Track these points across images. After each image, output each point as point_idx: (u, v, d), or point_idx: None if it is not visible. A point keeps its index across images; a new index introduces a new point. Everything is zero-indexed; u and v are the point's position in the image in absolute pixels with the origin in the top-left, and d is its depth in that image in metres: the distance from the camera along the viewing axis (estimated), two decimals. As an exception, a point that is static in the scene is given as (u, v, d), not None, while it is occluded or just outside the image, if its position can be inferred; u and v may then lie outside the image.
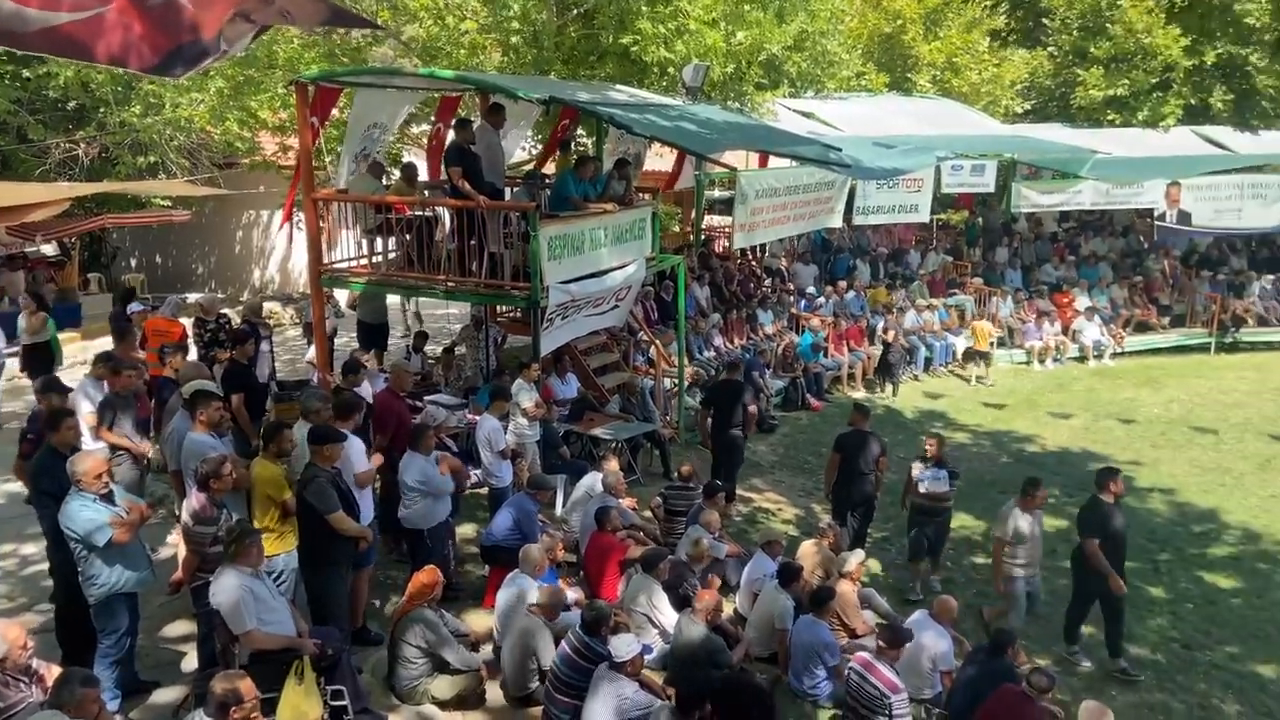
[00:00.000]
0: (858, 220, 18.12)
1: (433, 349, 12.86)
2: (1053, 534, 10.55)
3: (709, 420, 10.50)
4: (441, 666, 6.33)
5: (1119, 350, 18.71)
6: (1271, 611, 8.85)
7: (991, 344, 17.45)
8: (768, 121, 15.55)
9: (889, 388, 15.92)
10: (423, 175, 11.62)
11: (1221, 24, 20.84)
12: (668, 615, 7.11)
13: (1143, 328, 19.57)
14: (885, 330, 16.32)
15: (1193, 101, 21.80)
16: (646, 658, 6.75)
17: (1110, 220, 22.83)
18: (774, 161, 17.11)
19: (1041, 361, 18.09)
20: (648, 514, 9.38)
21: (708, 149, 11.30)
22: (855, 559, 7.80)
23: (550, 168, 12.75)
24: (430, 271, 9.72)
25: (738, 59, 14.05)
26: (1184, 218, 19.78)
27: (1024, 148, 19.32)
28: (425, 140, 13.35)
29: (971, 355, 17.32)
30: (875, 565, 9.24)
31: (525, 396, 9.14)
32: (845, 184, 16.90)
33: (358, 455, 6.64)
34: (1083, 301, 19.09)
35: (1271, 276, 20.77)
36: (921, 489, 8.92)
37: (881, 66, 22.50)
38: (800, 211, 16.55)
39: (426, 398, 9.81)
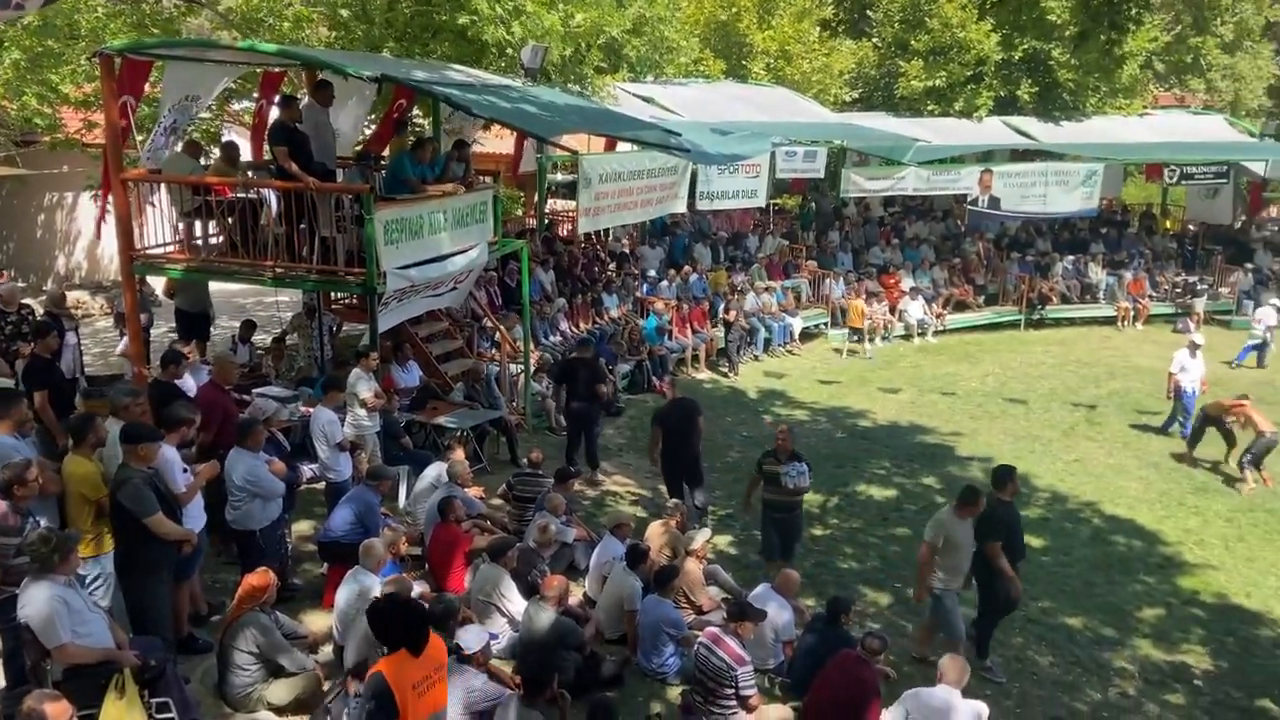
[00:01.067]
0: (701, 205, 18.42)
1: (262, 339, 12.23)
2: (882, 502, 11.16)
3: (563, 396, 11.02)
4: (277, 671, 6.05)
5: (941, 328, 19.86)
6: (1077, 567, 9.61)
7: (868, 322, 18.57)
8: (609, 105, 15.56)
9: (730, 368, 16.30)
10: (246, 155, 10.98)
11: (1028, 20, 22.33)
12: (516, 603, 7.04)
13: (961, 306, 20.84)
14: (727, 311, 16.72)
15: (1002, 93, 23.28)
16: (495, 647, 6.67)
17: (931, 205, 24.14)
18: (620, 145, 17.17)
19: (871, 340, 18.96)
20: (496, 501, 9.25)
21: (549, 132, 11.19)
22: (701, 537, 7.95)
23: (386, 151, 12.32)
24: (256, 257, 9.20)
25: (577, 41, 13.98)
26: (995, 203, 21.13)
27: (852, 135, 20.17)
28: (247, 118, 12.62)
29: (855, 333, 18.49)
30: (721, 541, 9.44)
31: (364, 387, 8.82)
32: (688, 169, 17.12)
33: (171, 469, 6.06)
34: (907, 282, 20.15)
35: (1072, 257, 22.51)
36: (788, 485, 8.44)
37: (718, 53, 22.94)
38: (646, 196, 16.65)
39: (255, 390, 9.32)
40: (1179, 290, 22.35)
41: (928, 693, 5.84)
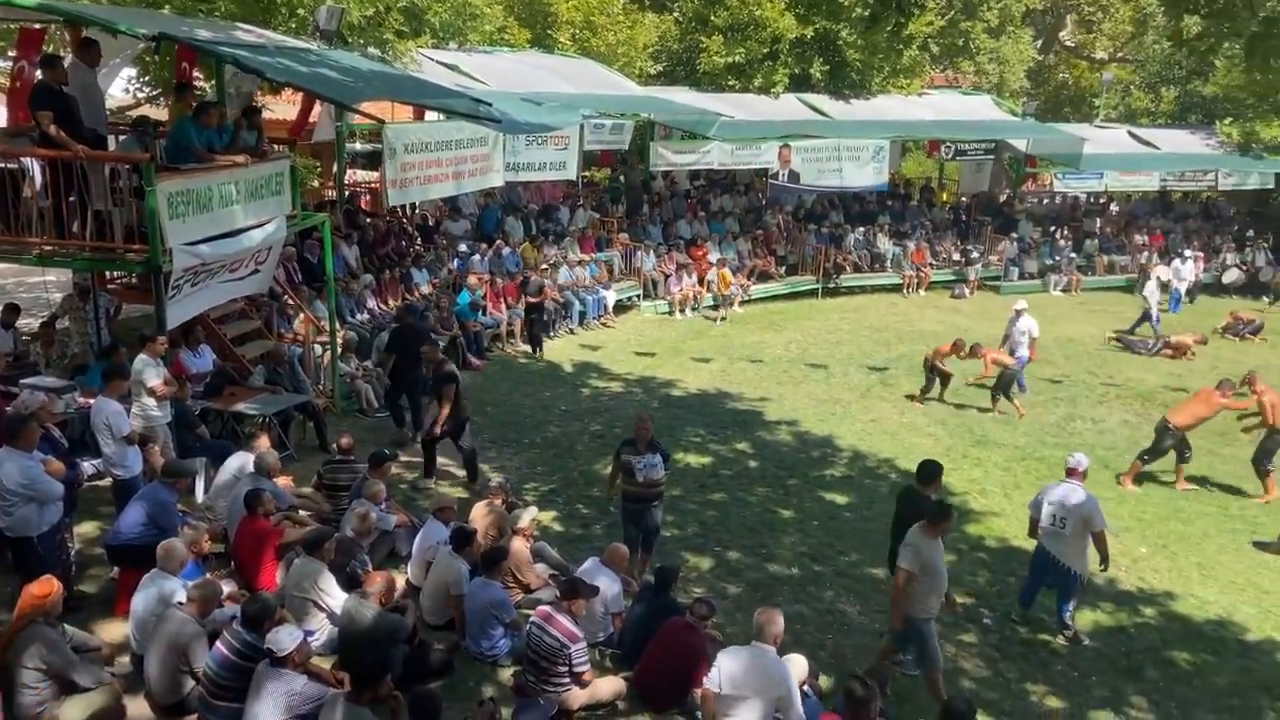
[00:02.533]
0: (509, 177, 18.10)
1: (28, 323, 11.01)
2: (699, 470, 11.44)
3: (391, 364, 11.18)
4: (70, 688, 5.50)
5: (746, 298, 20.58)
6: (879, 521, 10.17)
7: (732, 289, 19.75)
8: (412, 72, 14.97)
9: (542, 342, 16.13)
10: (1, 121, 9.79)
11: (819, 1, 23.30)
12: (336, 597, 6.72)
13: (764, 277, 21.68)
14: (540, 293, 16.41)
15: (797, 71, 24.21)
16: (315, 644, 6.36)
17: (734, 179, 24.87)
18: (429, 115, 16.58)
19: (682, 311, 19.41)
20: (307, 491, 8.78)
21: (352, 98, 10.61)
22: (528, 515, 7.87)
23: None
24: (18, 234, 8.24)
25: (376, 4, 13.32)
26: (795, 177, 22.09)
27: (658, 109, 20.41)
28: (4, 80, 11.26)
29: (719, 301, 19.59)
30: (546, 517, 9.39)
31: (151, 374, 8.11)
32: (500, 141, 16.75)
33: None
34: (714, 254, 20.71)
35: (862, 229, 23.87)
36: (639, 478, 8.14)
37: (523, 22, 22.54)
38: (457, 169, 16.14)
39: (22, 382, 8.38)
40: (956, 259, 24.19)
41: (739, 650, 5.92)
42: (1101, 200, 29.73)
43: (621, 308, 18.93)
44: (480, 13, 17.48)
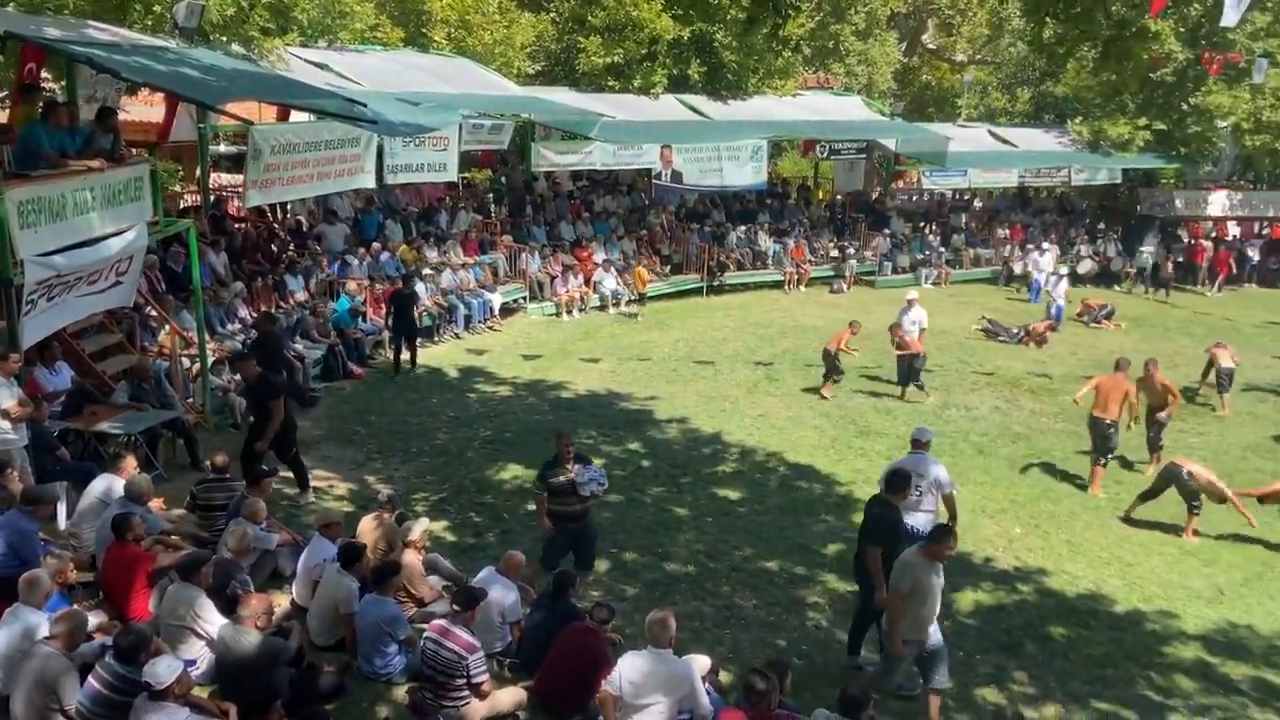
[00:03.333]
0: (389, 180, 17.64)
1: None
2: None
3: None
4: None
5: (633, 297, 20.64)
6: (771, 515, 10.40)
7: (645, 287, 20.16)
8: (280, 71, 14.41)
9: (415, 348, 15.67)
10: None
11: (695, 2, 23.54)
12: (215, 623, 6.37)
13: (650, 276, 21.78)
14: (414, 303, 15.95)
15: (675, 72, 24.44)
16: (195, 674, 6.03)
17: (617, 179, 24.93)
18: (294, 115, 15.96)
19: (569, 312, 19.33)
20: (179, 512, 8.32)
21: (216, 99, 10.15)
22: (419, 527, 7.66)
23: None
24: None
25: (239, 0, 12.77)
26: (678, 177, 22.29)
27: (538, 109, 20.26)
28: None
29: (636, 298, 19.90)
30: (438, 528, 9.17)
31: (4, 394, 7.56)
32: (373, 142, 16.28)
33: None
34: (600, 255, 20.71)
35: (744, 227, 24.30)
36: (587, 492, 7.94)
37: (396, 21, 22.02)
38: (324, 169, 15.61)
39: None
40: (833, 255, 24.88)
41: (639, 654, 5.91)
42: (966, 196, 31.11)
43: (507, 310, 18.73)
44: (350, 10, 17.01)
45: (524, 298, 19.30)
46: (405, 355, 14.57)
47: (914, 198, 31.13)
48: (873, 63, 31.52)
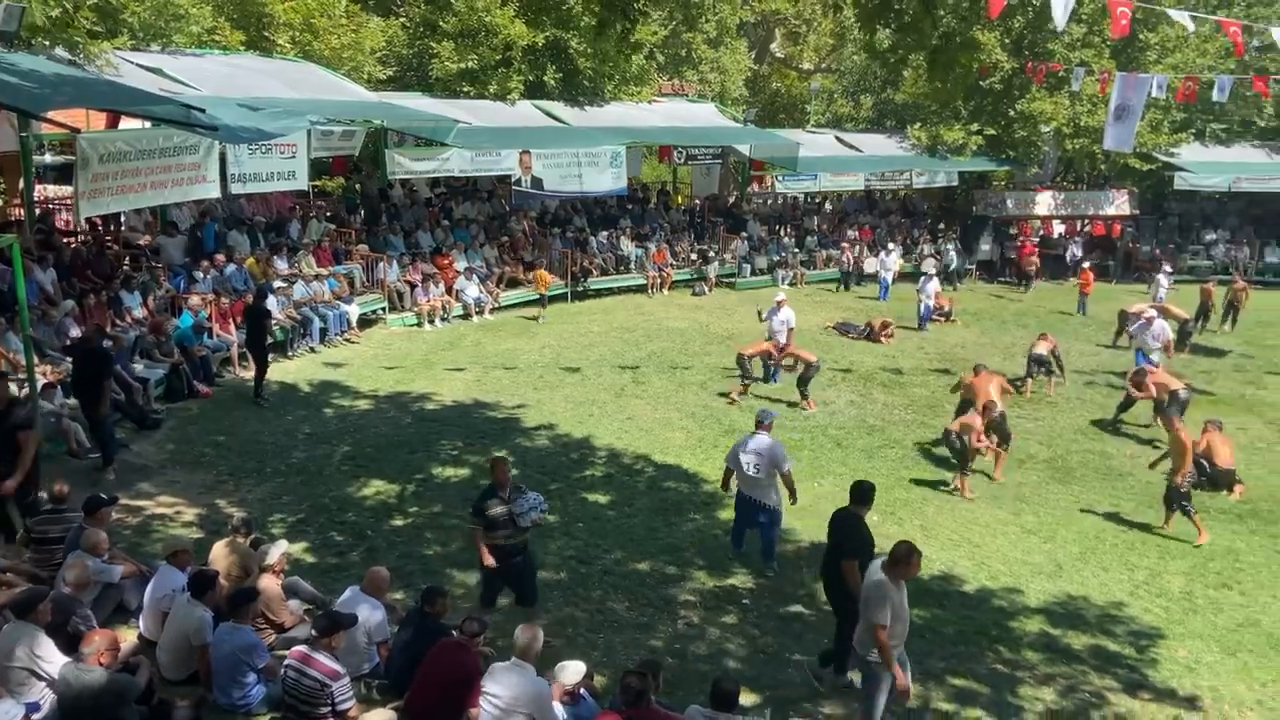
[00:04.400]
0: (234, 189, 16.83)
1: None
2: (459, 483, 11.21)
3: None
4: None
5: (496, 305, 20.45)
6: (640, 516, 10.47)
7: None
8: (108, 76, 13.57)
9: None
10: None
11: (546, 6, 23.50)
12: (56, 663, 5.92)
13: (514, 283, 21.64)
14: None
15: (531, 78, 24.35)
16: (37, 717, 5.61)
17: (476, 186, 24.63)
18: (125, 122, 15.04)
19: (431, 321, 18.97)
20: (12, 548, 7.70)
21: (39, 106, 9.46)
22: (277, 550, 7.34)
23: None
24: None
25: (63, 2, 11.95)
26: (538, 183, 22.16)
27: (391, 115, 19.77)
28: None
29: (540, 300, 20.31)
30: (297, 549, 8.82)
31: None
32: (213, 149, 15.51)
33: None
34: (461, 262, 20.41)
35: (606, 232, 24.44)
36: (526, 523, 7.59)
37: (235, 24, 21.08)
38: (160, 178, 14.72)
39: None
40: (694, 258, 25.33)
41: (504, 668, 5.88)
42: (817, 199, 32.24)
43: (366, 322, 18.22)
44: (185, 13, 16.17)
45: (383, 308, 18.81)
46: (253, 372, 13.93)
47: (769, 201, 32.03)
48: (725, 70, 32.26)
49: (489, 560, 7.67)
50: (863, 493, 7.29)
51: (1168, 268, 23.51)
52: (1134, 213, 30.49)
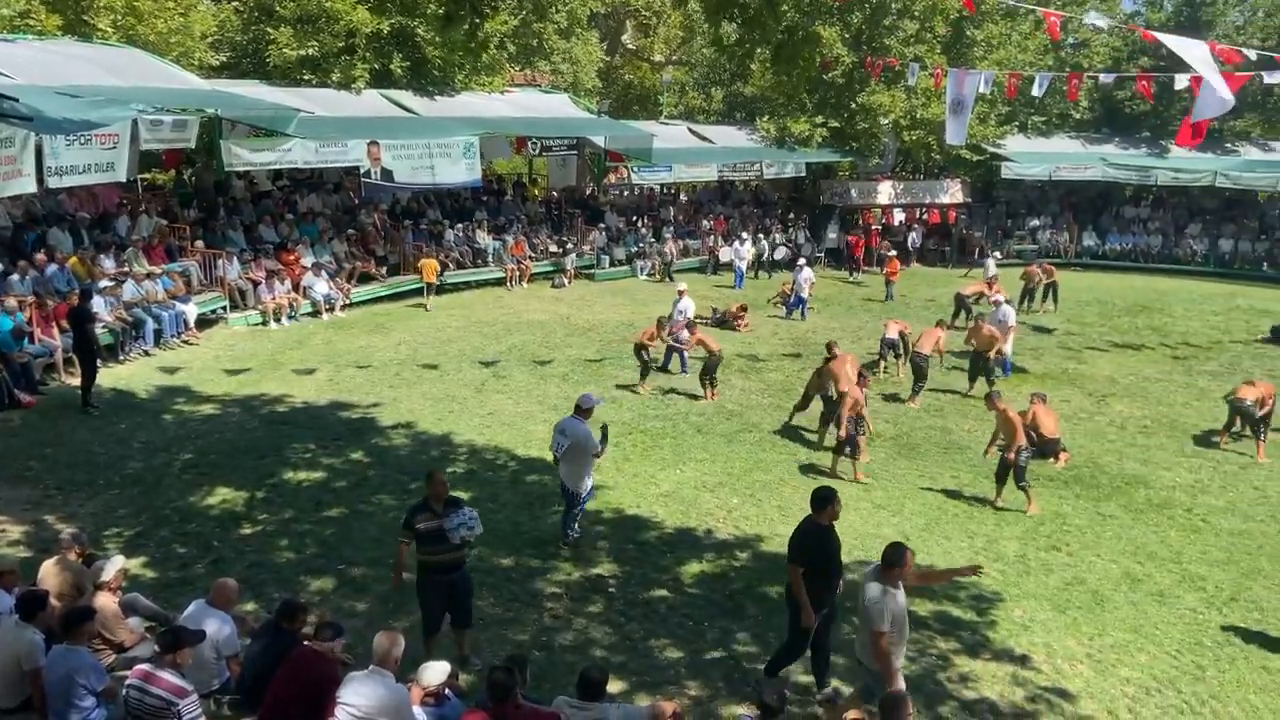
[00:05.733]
0: (52, 183, 15.56)
1: None
2: (312, 486, 10.82)
3: None
4: None
5: (348, 301, 19.80)
6: (505, 512, 10.36)
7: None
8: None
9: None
10: None
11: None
12: None
13: (365, 278, 21.01)
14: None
15: (376, 66, 23.63)
16: None
17: (322, 178, 23.75)
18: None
19: (277, 320, 18.20)
20: None
21: None
22: (113, 566, 6.88)
23: None
24: None
25: None
26: (388, 175, 21.54)
27: (226, 103, 18.80)
28: None
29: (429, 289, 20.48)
30: (135, 564, 8.31)
31: None
32: (29, 141, 14.32)
33: None
34: (308, 258, 19.65)
35: (461, 225, 24.03)
36: (457, 539, 7.14)
37: (51, 7, 19.57)
38: (-35, 172, 13.58)
39: None
40: (553, 250, 25.24)
41: (362, 677, 5.69)
42: (673, 190, 32.68)
43: (205, 322, 17.30)
44: (-8, -8, 14.89)
45: (224, 307, 17.90)
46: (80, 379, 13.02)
47: (625, 193, 32.27)
48: (577, 61, 32.24)
49: (398, 579, 7.40)
50: (815, 500, 7.01)
51: (997, 254, 25.12)
52: (966, 201, 32.31)
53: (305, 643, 6.25)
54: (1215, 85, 10.51)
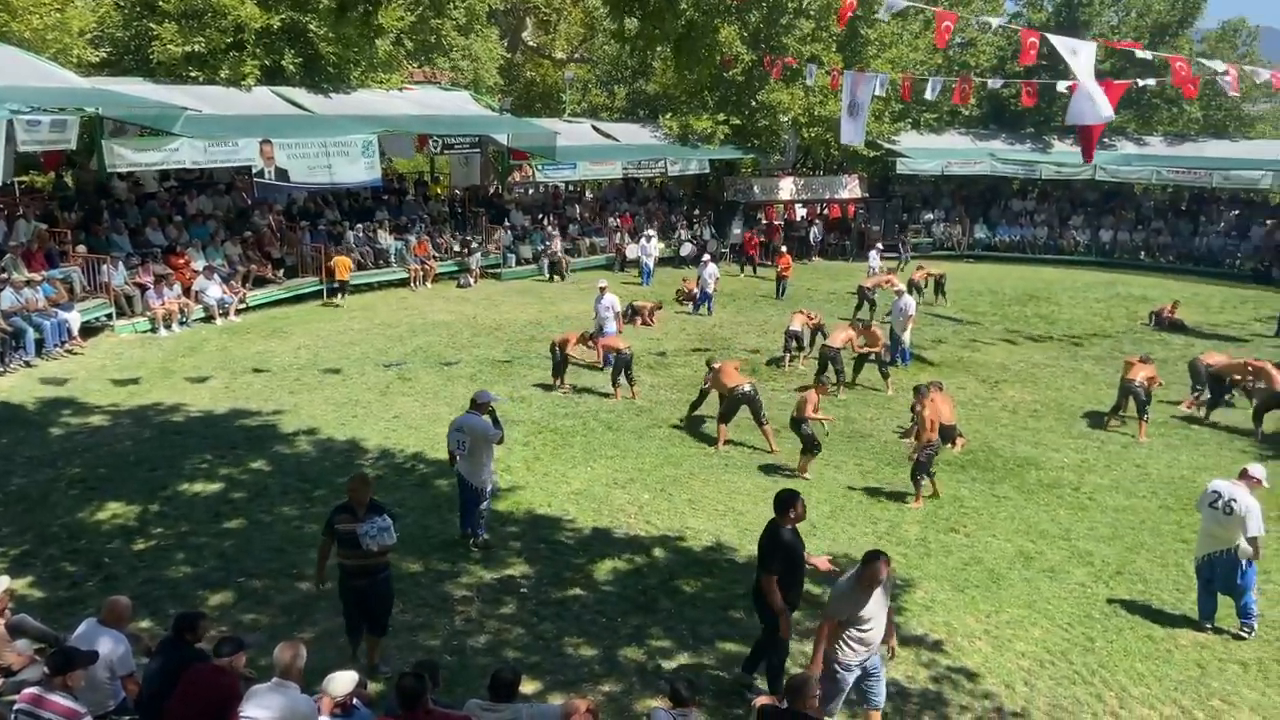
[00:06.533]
0: (-86, 187, 14.74)
1: None
2: (210, 498, 10.47)
3: None
4: None
5: (243, 306, 19.18)
6: (413, 516, 10.08)
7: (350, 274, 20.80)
8: None
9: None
10: None
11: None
12: None
13: (261, 282, 20.38)
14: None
15: (267, 62, 22.93)
16: None
17: (212, 178, 22.93)
18: None
19: (167, 326, 17.51)
20: None
21: None
22: (-4, 587, 6.53)
23: None
24: None
25: None
26: (284, 175, 20.92)
27: (108, 102, 18.02)
28: None
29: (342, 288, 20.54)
30: (21, 585, 7.89)
31: None
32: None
33: None
34: (200, 261, 18.96)
35: (361, 225, 23.51)
36: (371, 546, 6.99)
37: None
38: None
39: None
40: (457, 250, 24.92)
41: (265, 691, 5.55)
42: (578, 188, 32.63)
43: (90, 330, 16.54)
44: None
45: (109, 315, 17.13)
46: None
47: (530, 191, 32.08)
48: (477, 58, 31.87)
49: (318, 579, 7.46)
50: (779, 502, 6.93)
51: (880, 245, 25.93)
52: (864, 196, 33.16)
53: (206, 658, 6.04)
54: (1093, 96, 10.70)
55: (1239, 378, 14.69)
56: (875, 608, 6.26)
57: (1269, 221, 30.55)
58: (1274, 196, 32.67)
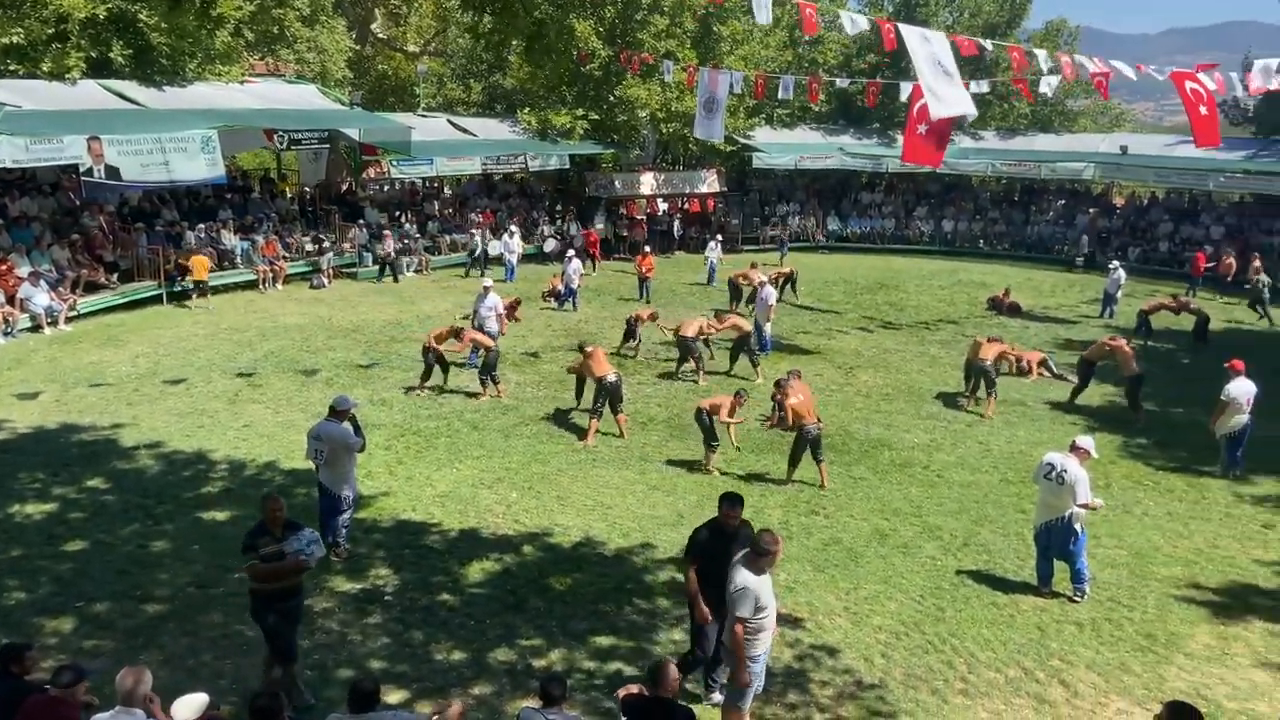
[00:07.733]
0: None
1: None
2: (44, 520, 9.79)
3: None
4: None
5: (73, 313, 17.94)
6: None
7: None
8: None
9: None
10: None
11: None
12: None
13: (93, 287, 19.11)
14: None
15: (94, 54, 21.50)
16: None
17: (35, 178, 21.34)
18: None
19: (-10, 338, 16.21)
20: None
21: None
22: None
23: None
24: None
25: None
26: (113, 173, 19.63)
27: (-90, 96, 16.52)
28: None
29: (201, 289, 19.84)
30: None
31: None
32: None
33: None
34: (23, 267, 17.63)
35: (203, 225, 22.35)
36: (311, 562, 6.76)
37: None
38: None
39: None
40: (309, 249, 24.03)
41: (104, 717, 5.22)
42: (436, 184, 32.00)
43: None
44: None
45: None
46: None
47: (386, 187, 31.26)
48: (324, 50, 30.80)
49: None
50: (729, 501, 7.01)
51: (712, 242, 26.54)
52: (723, 190, 33.82)
53: (44, 689, 5.62)
54: (939, 94, 10.67)
55: (1096, 361, 15.40)
56: (768, 594, 6.35)
57: (1091, 210, 32.86)
58: (1096, 187, 35.17)
